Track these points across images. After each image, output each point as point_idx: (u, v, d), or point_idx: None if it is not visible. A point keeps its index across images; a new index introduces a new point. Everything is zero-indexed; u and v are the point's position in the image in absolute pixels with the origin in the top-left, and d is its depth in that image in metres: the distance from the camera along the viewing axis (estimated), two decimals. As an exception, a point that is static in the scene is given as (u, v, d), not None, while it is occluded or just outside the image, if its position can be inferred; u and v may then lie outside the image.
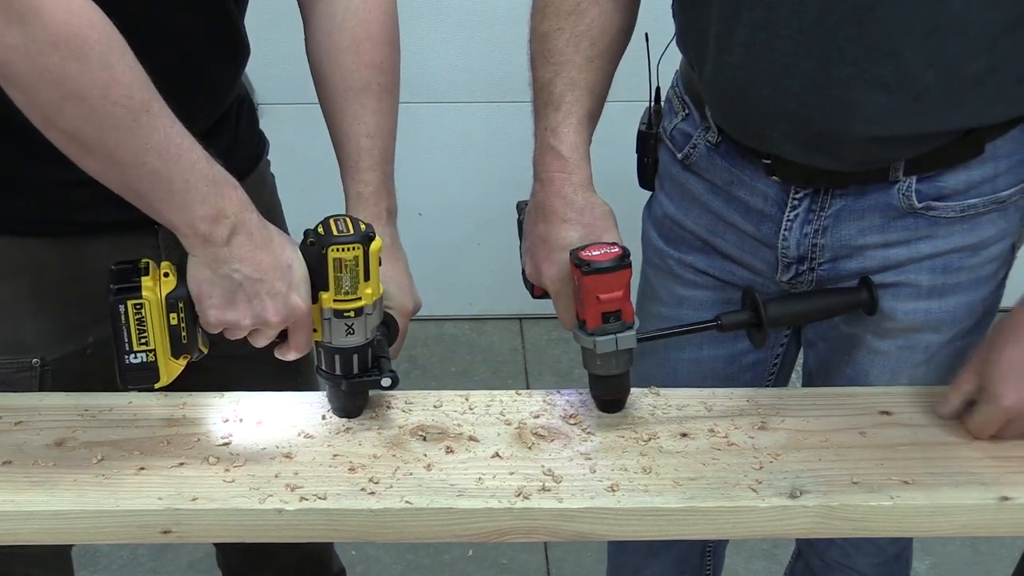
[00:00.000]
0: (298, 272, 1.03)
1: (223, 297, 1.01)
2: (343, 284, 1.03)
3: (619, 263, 1.05)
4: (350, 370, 1.07)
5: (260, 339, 1.05)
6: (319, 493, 0.98)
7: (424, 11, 2.70)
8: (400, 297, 1.17)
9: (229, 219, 0.98)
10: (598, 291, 1.05)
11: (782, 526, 1.00)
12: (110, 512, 0.96)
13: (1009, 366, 1.07)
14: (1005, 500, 0.99)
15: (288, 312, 1.02)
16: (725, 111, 1.22)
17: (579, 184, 1.14)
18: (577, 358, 1.15)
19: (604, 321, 1.07)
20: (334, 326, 1.05)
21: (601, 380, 1.10)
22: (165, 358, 1.04)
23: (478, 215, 3.00)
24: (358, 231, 1.02)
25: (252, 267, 0.99)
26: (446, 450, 1.05)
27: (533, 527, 0.98)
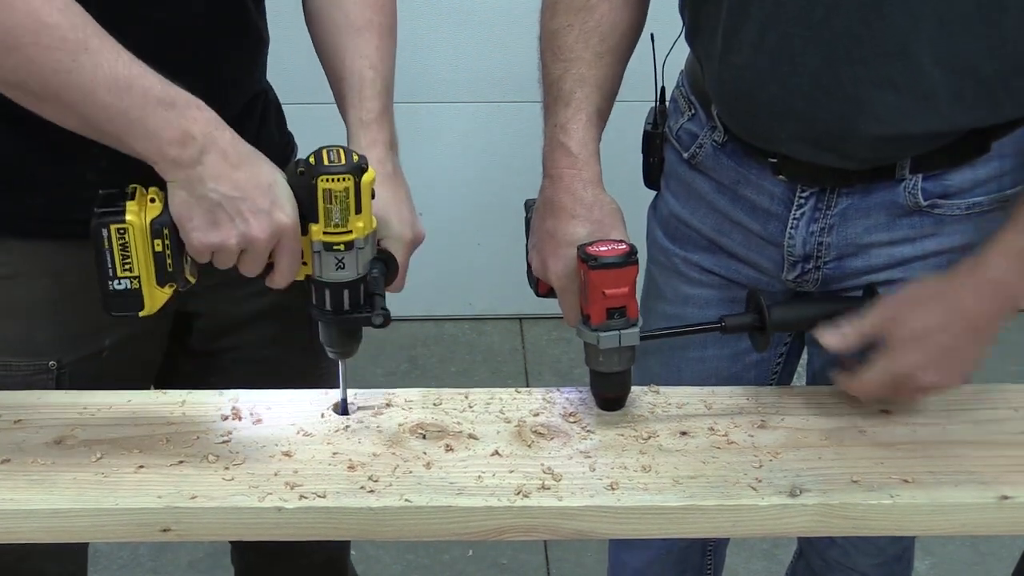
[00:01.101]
0: (280, 189, 1.00)
1: (204, 219, 0.98)
2: (333, 216, 1.00)
3: (626, 259, 1.05)
4: (341, 306, 1.04)
5: (249, 263, 1.02)
6: (318, 491, 0.98)
7: (424, 11, 2.70)
8: (399, 227, 1.13)
9: (197, 140, 0.96)
10: (604, 287, 1.05)
11: (782, 525, 1.00)
12: (109, 510, 0.96)
13: (913, 332, 1.07)
14: (1005, 499, 0.99)
15: (274, 228, 0.99)
16: (732, 110, 1.22)
17: (588, 180, 1.14)
18: (577, 358, 1.15)
19: (609, 317, 1.06)
20: (324, 259, 1.02)
21: (603, 377, 1.10)
22: (150, 286, 1.01)
23: (478, 215, 3.00)
24: (350, 162, 0.99)
25: (229, 185, 0.97)
26: (446, 448, 1.05)
27: (533, 525, 0.98)
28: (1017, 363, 2.93)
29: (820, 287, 1.28)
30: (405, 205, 1.16)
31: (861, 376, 1.08)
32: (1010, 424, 1.10)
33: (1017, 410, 1.12)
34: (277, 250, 1.02)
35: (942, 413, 1.12)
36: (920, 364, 1.06)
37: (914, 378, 1.07)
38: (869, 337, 1.08)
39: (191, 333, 1.33)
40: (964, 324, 1.07)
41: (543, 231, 1.16)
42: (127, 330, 1.24)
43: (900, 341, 1.07)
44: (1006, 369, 2.90)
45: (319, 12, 1.20)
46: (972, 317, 1.07)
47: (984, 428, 1.10)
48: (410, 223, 1.16)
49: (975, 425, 1.10)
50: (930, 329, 1.07)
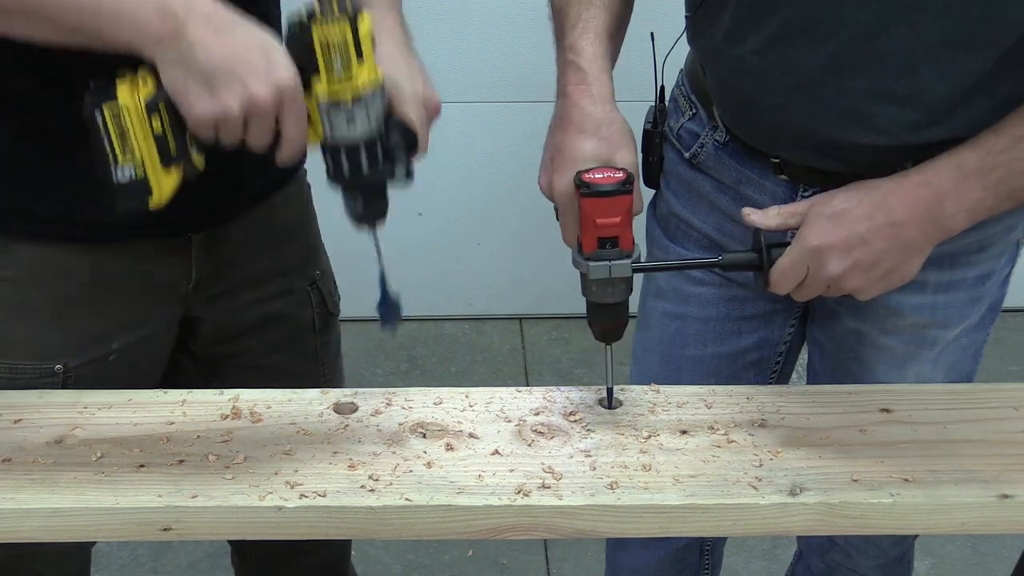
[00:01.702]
0: (275, 47, 0.96)
1: (202, 89, 0.94)
2: (334, 66, 0.95)
3: (619, 188, 1.02)
4: (359, 168, 0.99)
5: (256, 131, 0.97)
6: (319, 490, 0.98)
7: (424, 11, 2.70)
8: (409, 87, 1.07)
9: (176, 10, 0.93)
10: (595, 215, 1.03)
11: (782, 524, 1.00)
12: (110, 509, 0.96)
13: (832, 210, 1.06)
14: (1005, 498, 0.99)
15: (274, 87, 0.95)
16: (734, 114, 1.22)
17: (598, 97, 1.11)
18: (577, 358, 1.15)
19: (600, 247, 1.04)
20: (333, 118, 0.97)
21: (596, 308, 1.08)
22: (155, 171, 0.97)
23: (478, 215, 3.00)
24: (343, 7, 0.94)
25: (220, 50, 0.94)
26: (446, 447, 1.05)
27: (533, 524, 0.98)
28: (1017, 363, 2.94)
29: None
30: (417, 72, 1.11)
31: (780, 262, 1.07)
32: (1010, 423, 1.10)
33: (1017, 409, 1.12)
34: (282, 113, 0.97)
35: (942, 411, 1.12)
36: (831, 244, 1.05)
37: (824, 261, 1.05)
38: (791, 217, 1.08)
39: (196, 339, 1.33)
40: (884, 218, 1.05)
41: (551, 146, 1.13)
42: (134, 334, 1.24)
43: (816, 217, 1.06)
44: (1006, 369, 2.90)
45: None
46: (893, 213, 1.05)
47: (984, 427, 1.09)
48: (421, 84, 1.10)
49: (975, 424, 1.10)
50: (847, 211, 1.06)
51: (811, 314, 1.38)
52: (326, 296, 1.40)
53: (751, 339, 1.38)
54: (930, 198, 1.05)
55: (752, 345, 1.39)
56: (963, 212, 1.05)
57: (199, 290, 1.27)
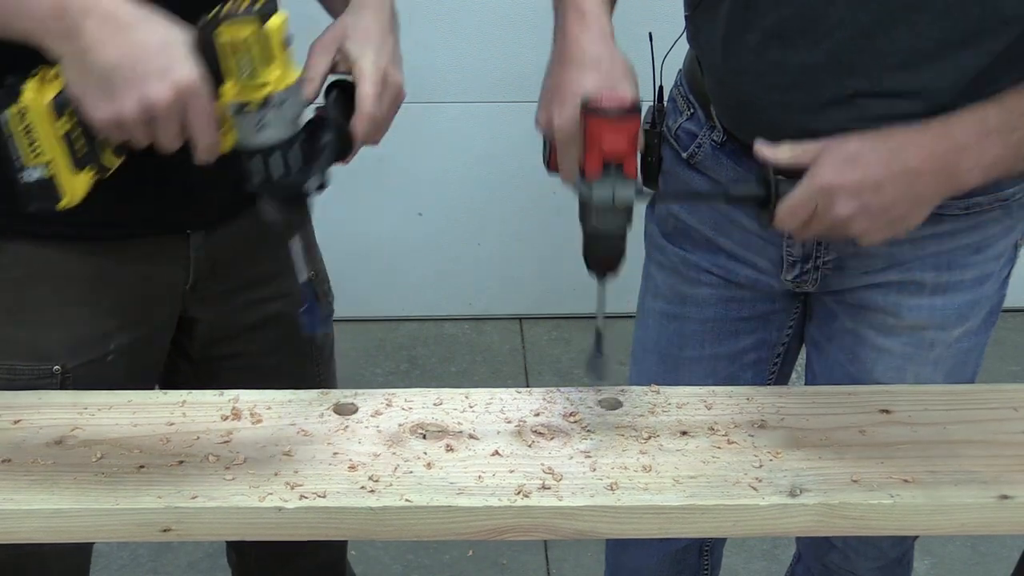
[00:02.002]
0: (178, 45, 0.92)
1: (99, 89, 0.91)
2: (242, 69, 0.91)
3: (628, 111, 1.00)
4: (270, 174, 0.96)
5: (162, 134, 0.94)
6: (319, 491, 0.98)
7: (424, 11, 2.70)
8: (370, 55, 1.04)
9: (73, 8, 0.89)
10: (601, 137, 1.00)
11: (782, 524, 1.00)
12: (109, 510, 0.96)
13: (846, 154, 1.04)
14: (1005, 499, 0.99)
15: (175, 88, 0.91)
16: (733, 115, 1.22)
17: (597, 35, 1.10)
18: (578, 358, 1.16)
19: (605, 172, 1.01)
20: (243, 122, 0.94)
21: (595, 238, 1.03)
22: (65, 173, 0.94)
23: (478, 215, 3.00)
24: (251, 7, 0.90)
25: (118, 50, 0.90)
26: (446, 448, 1.05)
27: (533, 525, 0.98)
28: (1017, 363, 2.94)
29: (820, 287, 1.28)
30: (389, 47, 1.08)
31: (788, 198, 1.05)
32: (1010, 424, 1.10)
33: (1017, 410, 1.12)
34: (187, 115, 0.93)
35: (942, 412, 1.12)
36: (843, 184, 1.03)
37: (834, 201, 1.03)
38: (804, 155, 1.05)
39: (192, 340, 1.33)
40: (900, 166, 1.03)
41: (550, 84, 1.11)
42: (132, 335, 1.24)
43: (830, 157, 1.04)
44: (1006, 369, 2.90)
45: None
46: (909, 162, 1.03)
47: (984, 428, 1.09)
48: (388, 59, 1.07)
49: (975, 425, 1.10)
50: (863, 155, 1.04)
51: (809, 315, 1.38)
52: (320, 297, 1.40)
53: (749, 340, 1.38)
54: (949, 150, 1.03)
55: (750, 346, 1.39)
56: (980, 168, 1.03)
57: (196, 291, 1.27)
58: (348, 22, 1.08)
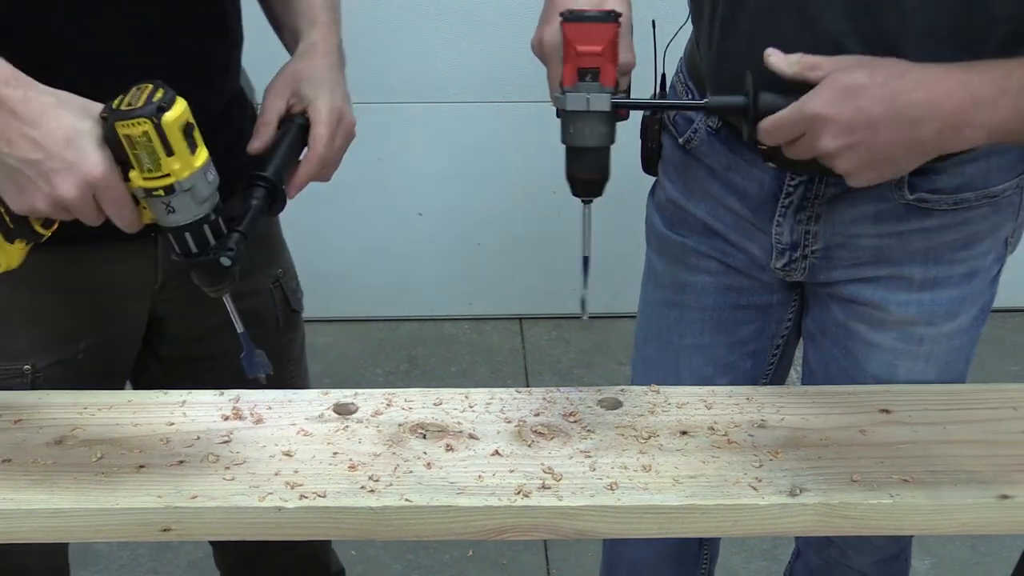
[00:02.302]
0: (84, 139, 0.92)
1: (9, 185, 0.92)
2: (143, 161, 0.93)
3: (603, 15, 1.00)
4: (188, 249, 0.99)
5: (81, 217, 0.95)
6: (319, 491, 0.98)
7: (424, 11, 2.70)
8: (324, 95, 1.06)
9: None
10: (577, 41, 1.00)
11: (782, 524, 1.00)
12: (109, 510, 0.96)
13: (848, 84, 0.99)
14: (1004, 498, 0.99)
15: (83, 184, 0.92)
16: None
17: None
18: (578, 358, 1.16)
19: (580, 79, 1.00)
20: (152, 205, 0.96)
21: (575, 153, 1.02)
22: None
23: (478, 215, 3.00)
24: (148, 104, 0.91)
25: (25, 147, 0.90)
26: (446, 448, 1.05)
27: (533, 525, 0.98)
28: (1017, 363, 2.94)
29: (809, 277, 1.29)
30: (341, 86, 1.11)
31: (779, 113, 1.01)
32: (1010, 424, 1.10)
33: (1017, 410, 1.12)
34: (99, 202, 0.95)
35: (942, 412, 1.12)
36: (834, 116, 0.98)
37: (822, 132, 0.99)
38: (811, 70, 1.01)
39: (162, 341, 1.33)
40: (903, 109, 0.98)
41: (545, 5, 1.11)
42: (102, 335, 1.24)
43: (830, 84, 1.00)
44: (1006, 369, 2.90)
45: None
46: (915, 108, 0.98)
47: (984, 428, 1.09)
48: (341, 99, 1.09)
49: (975, 425, 1.10)
50: (866, 88, 0.98)
51: (805, 308, 1.38)
52: (289, 294, 1.41)
53: (749, 329, 1.39)
54: (962, 102, 0.98)
55: (750, 335, 1.39)
56: (987, 127, 0.98)
57: (165, 291, 1.27)
58: (301, 66, 1.12)
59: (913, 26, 1.04)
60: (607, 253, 1.60)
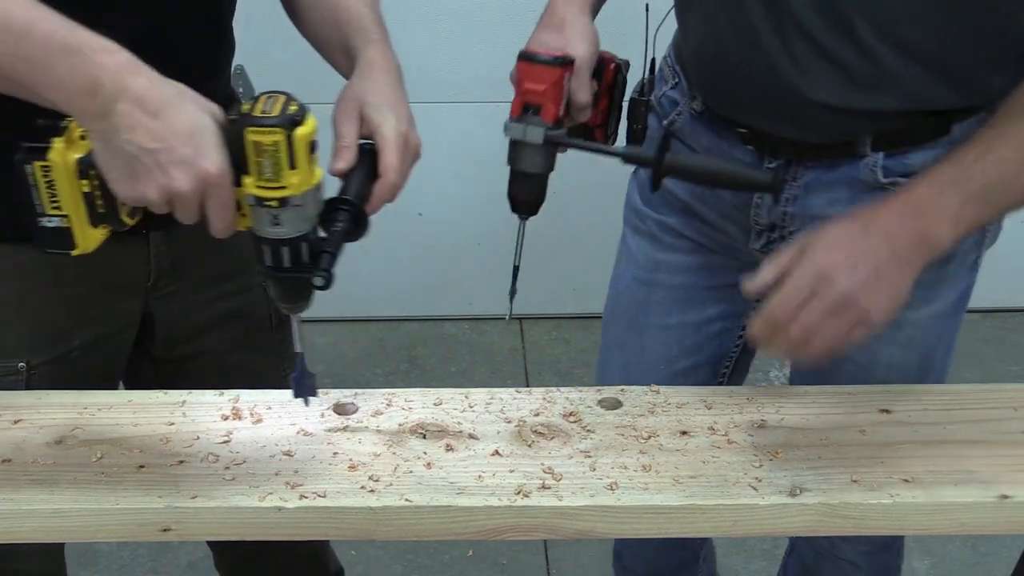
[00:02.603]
0: (205, 136, 0.92)
1: (123, 171, 0.92)
2: (264, 170, 0.92)
3: (552, 60, 1.13)
4: (280, 263, 0.98)
5: (182, 214, 0.95)
6: (319, 491, 0.98)
7: (424, 11, 2.70)
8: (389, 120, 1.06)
9: (106, 88, 0.89)
10: (524, 78, 1.14)
11: (782, 524, 1.00)
12: (109, 510, 0.96)
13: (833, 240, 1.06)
14: (1004, 498, 0.99)
15: (198, 179, 0.92)
16: (701, 78, 1.27)
17: (571, 2, 1.22)
18: (577, 358, 1.16)
19: (524, 111, 1.14)
20: (258, 214, 0.95)
21: (514, 175, 1.18)
22: (81, 226, 0.96)
23: (478, 215, 3.00)
24: (284, 113, 0.91)
25: (146, 136, 0.90)
26: (446, 448, 1.05)
27: (533, 525, 0.98)
28: (1017, 363, 2.94)
29: None
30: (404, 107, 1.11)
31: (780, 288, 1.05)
32: (1010, 424, 1.10)
33: (1017, 410, 1.12)
34: (205, 201, 0.95)
35: (942, 412, 1.12)
36: (836, 264, 1.04)
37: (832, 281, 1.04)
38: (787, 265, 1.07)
39: (154, 339, 1.33)
40: (878, 229, 1.06)
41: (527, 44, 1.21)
42: (95, 331, 1.24)
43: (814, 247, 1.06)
44: (1006, 369, 2.90)
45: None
46: (885, 224, 1.06)
47: (984, 428, 1.10)
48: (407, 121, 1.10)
49: (975, 424, 1.10)
50: (842, 233, 1.06)
51: None
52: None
53: (716, 309, 1.41)
54: (914, 211, 1.06)
55: (716, 316, 1.42)
56: (946, 224, 1.06)
57: (158, 288, 1.28)
58: (363, 87, 1.10)
59: (875, 6, 1.07)
60: (607, 254, 1.61)
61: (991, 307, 3.05)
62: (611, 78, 1.27)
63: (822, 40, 1.11)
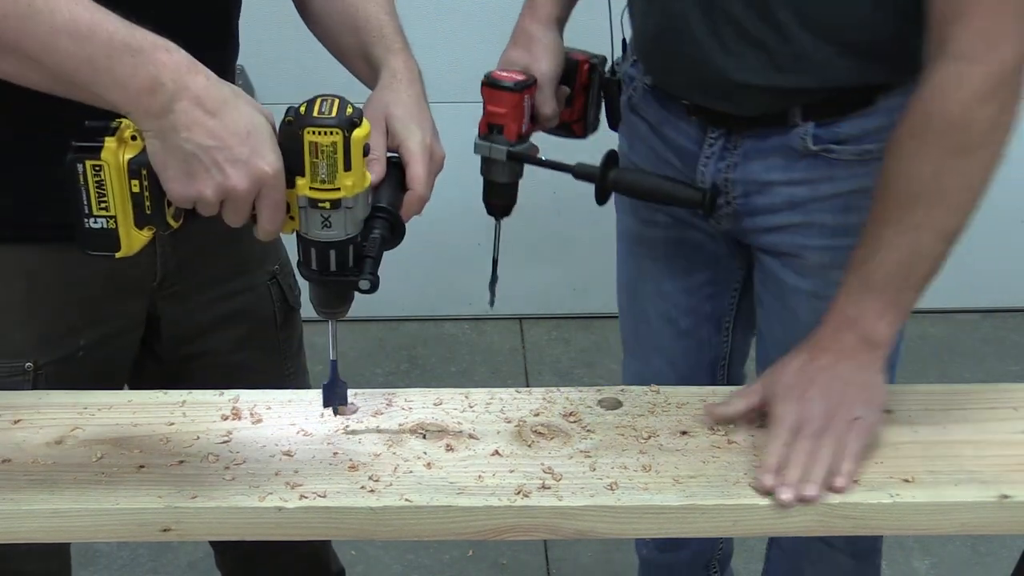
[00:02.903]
0: (261, 135, 0.94)
1: (180, 169, 0.93)
2: (319, 171, 0.93)
3: (510, 85, 1.25)
4: (327, 266, 0.99)
5: (231, 214, 0.96)
6: (319, 491, 0.98)
7: (424, 11, 2.70)
8: (415, 133, 1.08)
9: (167, 86, 0.90)
10: (488, 102, 1.28)
11: (782, 524, 1.00)
12: (110, 510, 0.96)
13: (788, 383, 1.08)
14: (1005, 498, 0.99)
15: (253, 178, 0.93)
16: (644, 58, 1.35)
17: (538, 17, 1.34)
18: (577, 358, 1.17)
19: (489, 131, 1.28)
20: (310, 216, 0.96)
21: (486, 184, 1.35)
22: (127, 227, 0.96)
23: (478, 215, 2.98)
24: (341, 114, 0.92)
25: (204, 134, 0.91)
26: (446, 448, 1.05)
27: (533, 525, 0.98)
28: (1017, 363, 2.94)
29: (734, 224, 1.36)
30: (428, 118, 1.13)
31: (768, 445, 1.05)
32: (1010, 424, 1.10)
33: (1017, 410, 1.12)
34: (258, 201, 0.95)
35: (942, 413, 1.12)
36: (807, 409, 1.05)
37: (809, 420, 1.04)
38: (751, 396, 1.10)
39: (160, 339, 1.33)
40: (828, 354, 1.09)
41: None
42: (101, 331, 1.24)
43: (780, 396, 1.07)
44: (1006, 369, 2.90)
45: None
46: (831, 346, 1.10)
47: (984, 428, 1.10)
48: (431, 133, 1.11)
49: (975, 425, 1.10)
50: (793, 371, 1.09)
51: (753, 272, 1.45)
52: (286, 290, 1.41)
53: (703, 275, 1.48)
54: (846, 325, 1.10)
55: (704, 281, 1.49)
56: (880, 322, 1.09)
57: (164, 288, 1.27)
58: (388, 98, 1.10)
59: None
60: (607, 254, 1.62)
61: (991, 307, 3.05)
62: (585, 78, 1.36)
63: (746, 24, 1.18)
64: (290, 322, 1.44)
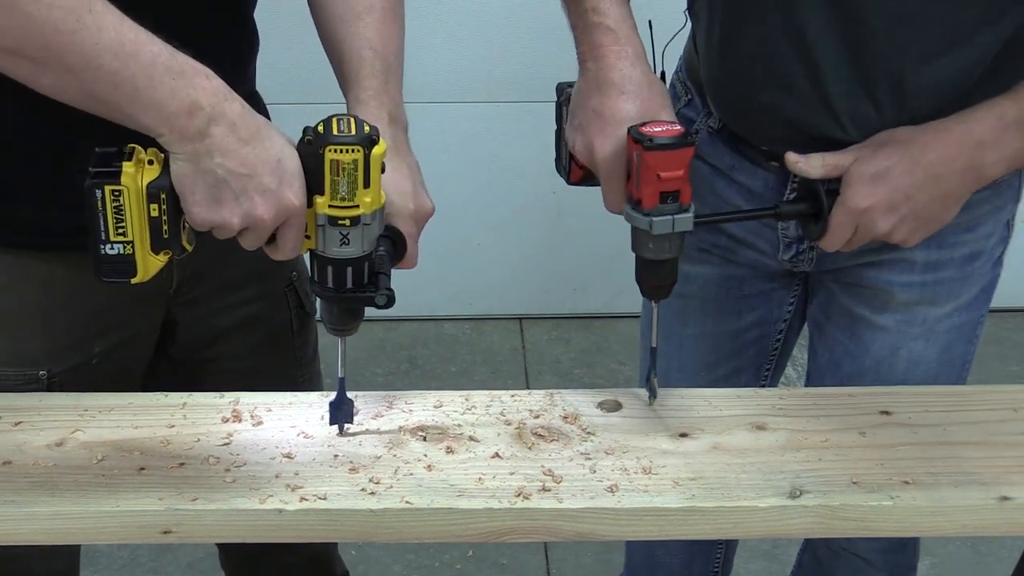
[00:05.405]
0: (290, 166, 0.95)
1: (208, 194, 0.94)
2: (340, 189, 0.94)
3: (682, 141, 1.01)
4: (343, 283, 0.99)
5: (250, 240, 0.98)
6: (319, 493, 0.98)
7: (424, 11, 2.70)
8: (399, 201, 1.07)
9: (205, 111, 0.91)
10: (659, 169, 1.01)
11: (782, 526, 1.00)
12: (110, 512, 0.96)
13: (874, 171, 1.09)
14: (1005, 500, 0.99)
15: (280, 208, 0.94)
16: (727, 111, 1.25)
17: (634, 57, 1.10)
18: (577, 358, 1.16)
19: (662, 201, 1.03)
20: (328, 234, 0.97)
21: (650, 264, 1.07)
22: (143, 252, 0.96)
23: (478, 215, 3.00)
24: (360, 133, 0.93)
25: (236, 161, 0.93)
26: (446, 450, 1.05)
27: (533, 527, 0.98)
28: (1017, 363, 2.94)
29: (816, 267, 1.32)
30: (407, 179, 1.10)
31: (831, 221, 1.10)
32: (1010, 424, 1.10)
33: (1017, 410, 1.12)
34: (281, 228, 0.97)
35: (942, 413, 1.12)
36: (877, 204, 1.08)
37: (873, 220, 1.09)
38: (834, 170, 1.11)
39: (175, 344, 1.33)
40: (924, 173, 1.09)
41: (588, 110, 1.10)
42: (116, 338, 1.24)
43: (859, 178, 1.09)
44: (1006, 369, 2.90)
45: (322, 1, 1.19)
46: (933, 167, 1.09)
47: (984, 428, 1.10)
48: (412, 195, 1.10)
49: (975, 425, 1.10)
50: (889, 168, 1.09)
51: (810, 295, 1.41)
52: (303, 296, 1.41)
53: (751, 317, 1.41)
54: (972, 148, 1.08)
55: (752, 323, 1.42)
56: (1003, 161, 1.09)
57: (180, 294, 1.27)
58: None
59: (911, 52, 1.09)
60: (607, 254, 1.61)
61: (991, 307, 3.05)
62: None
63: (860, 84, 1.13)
64: (306, 329, 1.44)
